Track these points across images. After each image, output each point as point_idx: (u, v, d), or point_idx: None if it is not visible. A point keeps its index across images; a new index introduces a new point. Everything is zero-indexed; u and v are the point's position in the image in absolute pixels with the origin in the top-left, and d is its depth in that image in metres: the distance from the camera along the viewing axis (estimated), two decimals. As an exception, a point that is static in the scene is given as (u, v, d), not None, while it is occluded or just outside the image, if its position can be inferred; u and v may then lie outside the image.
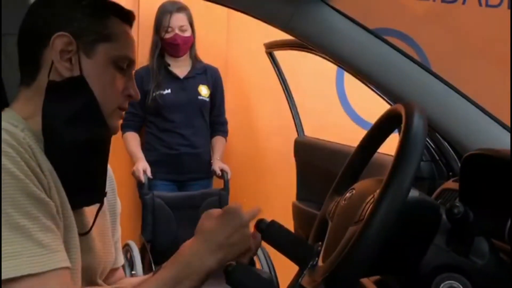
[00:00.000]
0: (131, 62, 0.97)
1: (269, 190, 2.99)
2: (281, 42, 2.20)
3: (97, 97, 0.91)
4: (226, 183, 2.70)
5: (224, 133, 2.84)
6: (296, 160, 2.43)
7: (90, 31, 0.91)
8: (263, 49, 2.46)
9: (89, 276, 0.94)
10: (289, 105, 2.48)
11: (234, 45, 2.98)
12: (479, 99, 1.21)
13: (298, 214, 2.29)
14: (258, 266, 2.35)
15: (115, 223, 1.09)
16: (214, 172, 2.77)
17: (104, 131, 0.93)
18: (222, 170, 2.74)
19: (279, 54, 2.46)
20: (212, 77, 2.78)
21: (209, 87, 2.76)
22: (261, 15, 1.16)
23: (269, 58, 2.45)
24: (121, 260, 1.13)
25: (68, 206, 0.87)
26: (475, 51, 2.15)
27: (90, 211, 0.95)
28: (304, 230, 2.08)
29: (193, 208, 2.60)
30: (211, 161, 2.78)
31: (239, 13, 1.19)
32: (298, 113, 2.47)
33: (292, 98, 2.47)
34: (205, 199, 2.66)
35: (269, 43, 2.40)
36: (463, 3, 2.25)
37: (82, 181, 0.89)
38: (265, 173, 2.98)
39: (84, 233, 0.92)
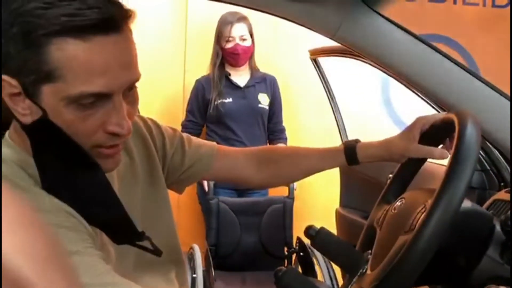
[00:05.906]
0: (102, 95, 0.71)
1: (311, 196, 2.98)
2: (326, 49, 2.19)
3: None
4: (291, 191, 2.68)
5: (285, 140, 2.86)
6: (340, 167, 2.42)
7: (28, 70, 0.70)
8: (307, 55, 2.46)
9: (123, 268, 0.86)
10: (332, 111, 2.48)
11: (279, 51, 3.00)
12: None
13: (341, 220, 2.28)
14: (320, 275, 2.33)
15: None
16: None
17: (91, 168, 0.75)
18: None
19: (322, 58, 2.45)
20: (270, 85, 2.82)
21: (268, 96, 2.81)
22: (310, 24, 1.17)
23: (313, 64, 2.45)
24: None
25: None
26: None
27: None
28: (347, 237, 2.06)
29: (258, 214, 2.61)
30: None
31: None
32: (342, 119, 2.46)
33: (336, 103, 2.47)
34: (269, 206, 2.66)
35: (313, 50, 2.40)
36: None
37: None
38: (307, 179, 2.97)
39: None
